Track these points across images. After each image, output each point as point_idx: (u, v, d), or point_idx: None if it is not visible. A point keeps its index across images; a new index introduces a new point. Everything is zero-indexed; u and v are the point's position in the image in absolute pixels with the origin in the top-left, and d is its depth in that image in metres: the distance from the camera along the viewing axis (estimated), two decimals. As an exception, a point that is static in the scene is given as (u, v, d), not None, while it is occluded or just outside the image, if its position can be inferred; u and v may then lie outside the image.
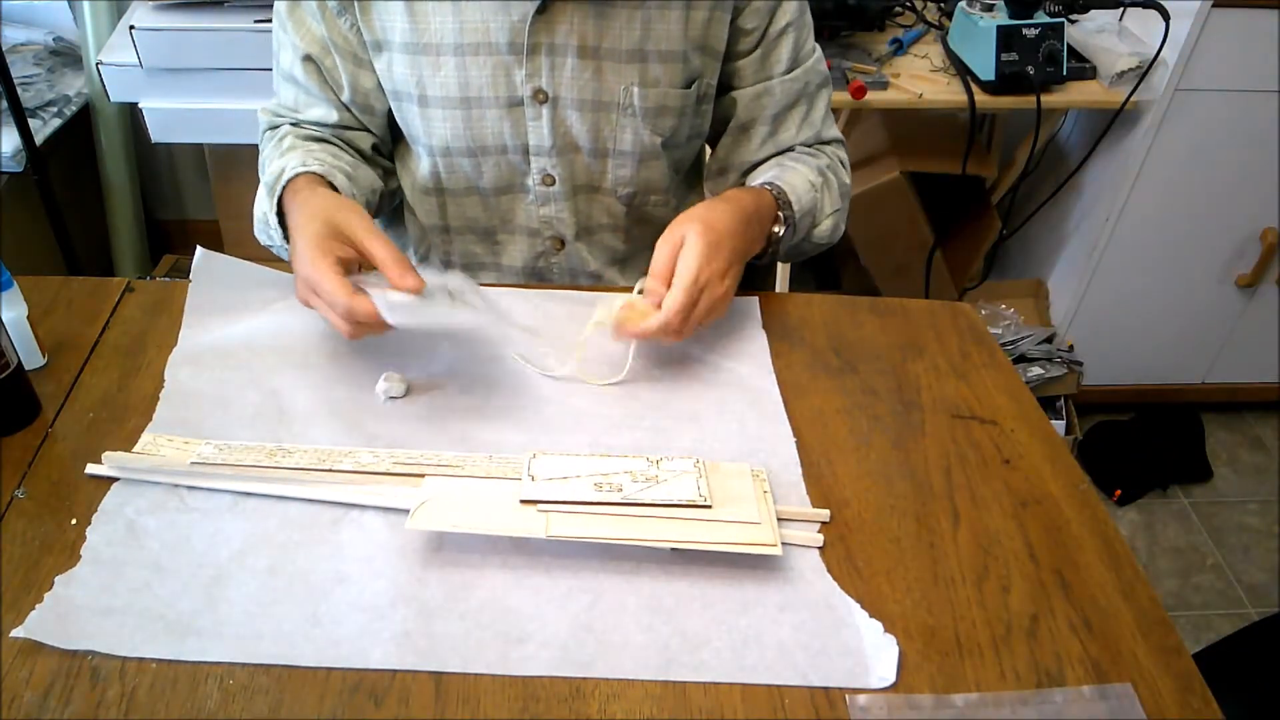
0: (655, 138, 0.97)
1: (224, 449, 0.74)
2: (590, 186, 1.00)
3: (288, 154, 0.92)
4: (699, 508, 0.70)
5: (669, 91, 0.95)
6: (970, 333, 0.95)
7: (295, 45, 0.94)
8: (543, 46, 0.90)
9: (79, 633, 0.62)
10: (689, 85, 0.96)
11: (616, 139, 0.96)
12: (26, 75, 1.92)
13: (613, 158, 0.98)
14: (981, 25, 1.66)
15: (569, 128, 0.95)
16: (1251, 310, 2.05)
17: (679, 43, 0.93)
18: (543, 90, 0.93)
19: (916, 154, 2.01)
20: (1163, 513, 2.06)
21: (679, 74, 0.95)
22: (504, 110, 0.93)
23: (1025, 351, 2.01)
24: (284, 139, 0.96)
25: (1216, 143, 1.79)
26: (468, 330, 0.88)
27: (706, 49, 0.95)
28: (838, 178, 1.02)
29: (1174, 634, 0.68)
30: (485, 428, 0.79)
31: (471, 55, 0.91)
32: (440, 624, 0.64)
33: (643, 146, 0.97)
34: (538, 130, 0.95)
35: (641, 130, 0.96)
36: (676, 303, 0.80)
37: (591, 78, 0.92)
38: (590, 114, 0.94)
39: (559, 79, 0.92)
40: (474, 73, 0.91)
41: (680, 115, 0.97)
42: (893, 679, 0.63)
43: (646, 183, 1.01)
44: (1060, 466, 0.80)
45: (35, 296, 0.86)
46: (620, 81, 0.93)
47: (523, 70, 0.91)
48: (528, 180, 0.99)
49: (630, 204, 1.02)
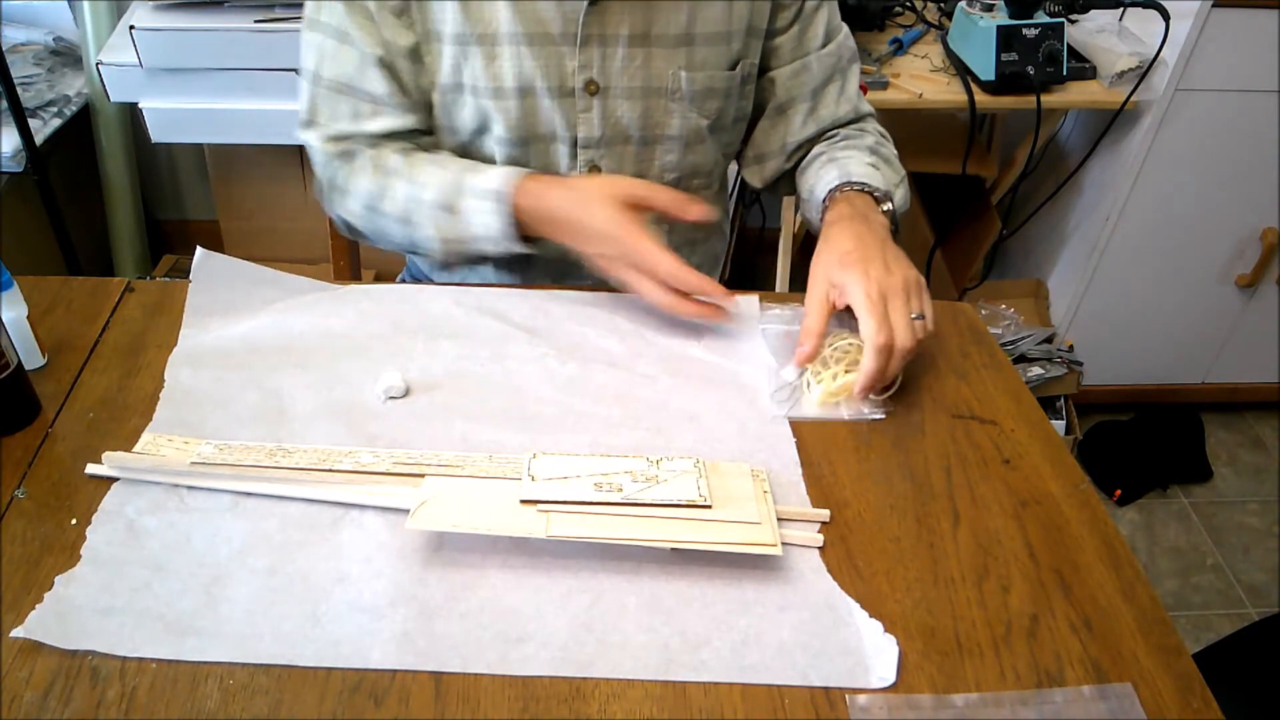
0: (702, 120, 0.98)
1: (224, 449, 0.74)
2: (636, 175, 1.00)
3: (432, 168, 0.92)
4: (699, 508, 0.70)
5: (715, 74, 0.96)
6: (970, 333, 0.95)
7: (363, 51, 0.91)
8: (595, 37, 0.91)
9: (79, 632, 0.61)
10: (734, 67, 0.97)
11: (665, 125, 0.97)
12: (26, 75, 1.92)
13: (660, 144, 0.99)
14: (981, 25, 1.66)
15: (618, 118, 0.96)
16: (1251, 310, 2.05)
17: (724, 24, 0.94)
18: (594, 81, 0.93)
19: (916, 154, 2.01)
20: (1163, 513, 2.06)
21: (724, 56, 0.96)
22: (555, 100, 0.93)
23: (1025, 351, 2.01)
24: (391, 158, 0.93)
25: (1216, 143, 1.79)
26: (468, 330, 0.88)
27: (751, 29, 0.96)
28: (888, 149, 1.03)
29: (1174, 634, 0.68)
30: (485, 428, 0.79)
31: (526, 45, 0.90)
32: (440, 624, 0.64)
33: (690, 130, 0.98)
34: (588, 121, 0.95)
35: (689, 114, 0.97)
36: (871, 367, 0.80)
37: (641, 65, 0.93)
38: (640, 101, 0.95)
39: (609, 69, 0.93)
40: (526, 63, 0.91)
41: (726, 97, 0.98)
42: (893, 679, 0.63)
43: (693, 167, 1.02)
44: (1060, 466, 0.80)
45: (35, 296, 0.86)
46: (669, 66, 0.94)
47: (575, 61, 0.92)
48: (572, 172, 0.99)
49: (675, 188, 1.02)
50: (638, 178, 1.00)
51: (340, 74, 0.93)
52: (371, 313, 0.90)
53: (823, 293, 0.85)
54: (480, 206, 0.89)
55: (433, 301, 0.92)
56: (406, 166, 0.93)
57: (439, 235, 0.92)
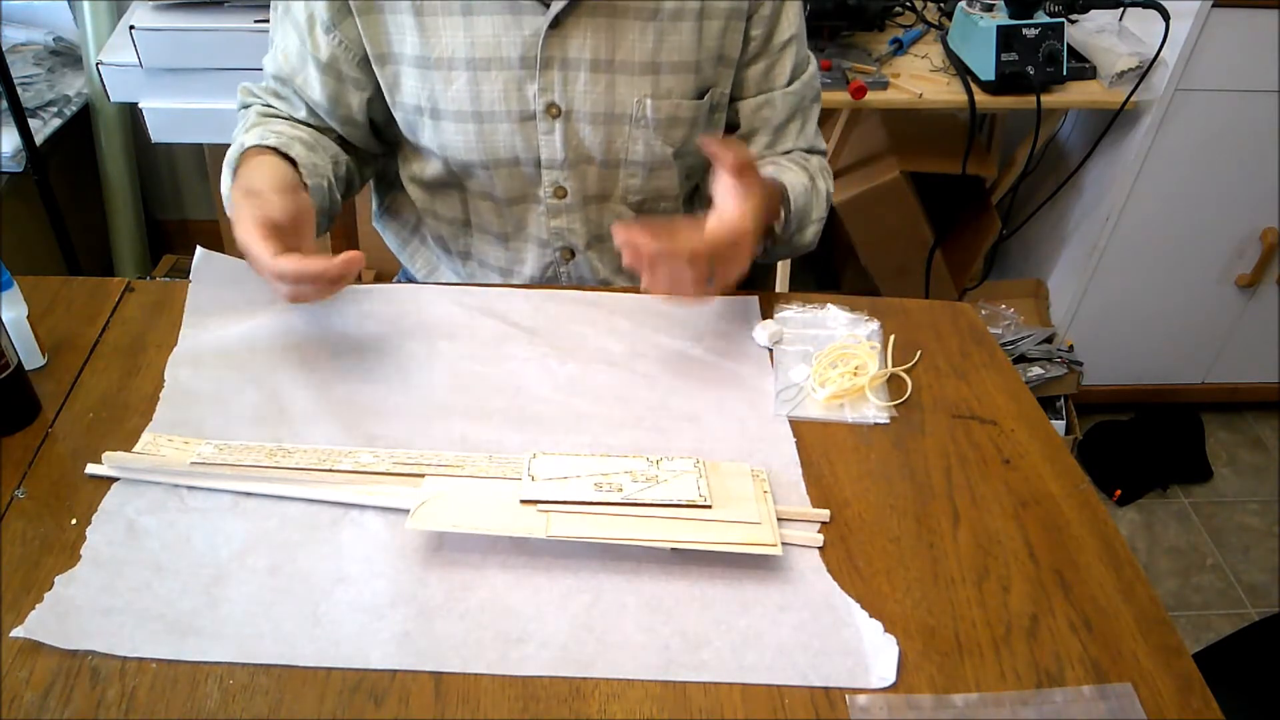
0: (667, 148, 0.97)
1: (224, 449, 0.74)
2: (601, 196, 1.01)
3: (250, 131, 0.91)
4: (699, 508, 0.70)
5: (681, 103, 0.95)
6: (970, 333, 0.95)
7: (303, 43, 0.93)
8: (555, 61, 0.90)
9: (79, 632, 0.62)
10: (701, 95, 0.96)
11: (628, 150, 0.96)
12: (26, 75, 1.92)
13: (624, 168, 0.98)
14: (981, 25, 1.66)
15: (581, 140, 0.95)
16: (1251, 310, 2.05)
17: (692, 53, 0.93)
18: (555, 104, 0.92)
19: (916, 154, 2.01)
20: (1163, 513, 2.06)
21: (691, 84, 0.95)
22: (516, 124, 0.93)
23: (1025, 351, 2.01)
24: (249, 118, 0.96)
25: (1216, 143, 1.79)
26: (468, 330, 0.88)
27: (723, 58, 0.96)
28: (825, 185, 1.03)
29: (1174, 634, 0.68)
30: (485, 428, 0.79)
31: (483, 70, 0.90)
32: (440, 624, 0.64)
33: (654, 157, 0.97)
34: (550, 144, 0.95)
35: (653, 141, 0.96)
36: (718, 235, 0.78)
37: (604, 91, 0.92)
38: (603, 126, 0.94)
39: (571, 93, 0.92)
40: (485, 87, 0.91)
41: (692, 125, 0.97)
42: (892, 679, 0.63)
43: (657, 190, 1.01)
44: (1060, 466, 0.80)
45: (35, 296, 0.86)
46: (633, 94, 0.93)
47: (535, 85, 0.91)
48: (539, 191, 0.99)
49: (640, 210, 1.02)
50: (603, 198, 1.00)
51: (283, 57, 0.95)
52: (372, 313, 0.90)
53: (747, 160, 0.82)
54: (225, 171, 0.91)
55: (433, 302, 0.92)
56: (250, 124, 0.93)
57: (223, 189, 0.92)
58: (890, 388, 0.87)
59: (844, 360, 0.86)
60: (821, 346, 0.89)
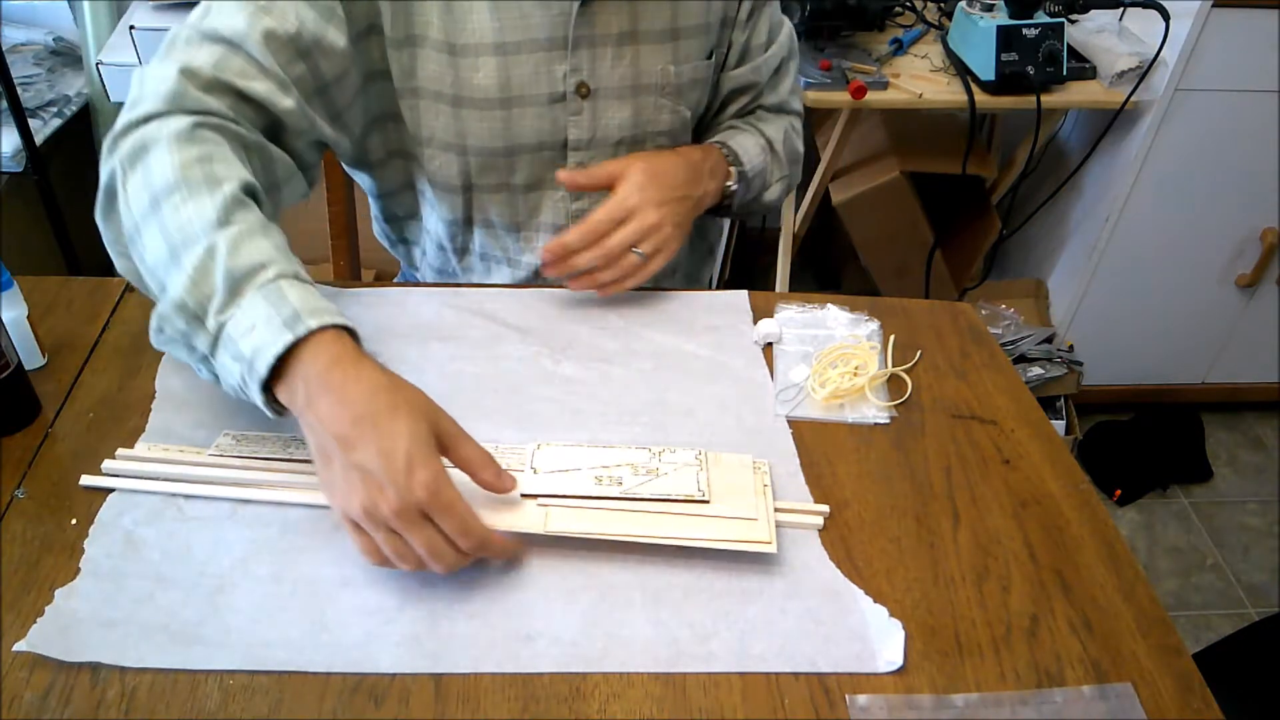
0: (687, 112, 0.99)
1: (242, 440, 0.74)
2: None
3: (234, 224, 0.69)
4: (696, 503, 0.70)
5: (698, 65, 0.97)
6: (970, 333, 0.95)
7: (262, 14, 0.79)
8: (585, 39, 0.91)
9: (82, 645, 0.61)
10: (709, 56, 0.99)
11: (654, 122, 0.98)
12: (26, 75, 1.92)
13: (650, 141, 0.99)
14: (981, 25, 1.66)
15: (609, 119, 0.96)
16: (1251, 310, 2.05)
17: (703, 15, 0.95)
18: (585, 83, 0.93)
19: (916, 154, 2.01)
20: (1163, 513, 2.06)
21: (703, 46, 0.97)
22: (544, 107, 0.93)
23: (1025, 351, 2.01)
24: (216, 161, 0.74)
25: (1216, 143, 1.79)
26: (460, 331, 0.88)
27: (725, 20, 0.98)
28: (789, 144, 1.07)
29: (1174, 634, 0.68)
30: (485, 426, 0.79)
31: (513, 54, 0.90)
32: (447, 625, 0.64)
33: (677, 123, 0.99)
34: (578, 124, 0.95)
35: (678, 108, 0.98)
36: (597, 216, 0.85)
37: (630, 64, 0.93)
38: (630, 100, 0.95)
39: (600, 70, 0.93)
40: (515, 71, 0.90)
41: (705, 87, 1.00)
42: (900, 662, 0.63)
43: None
44: (1060, 466, 0.80)
45: (35, 296, 0.86)
46: (657, 62, 0.94)
47: (565, 65, 0.91)
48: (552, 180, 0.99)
49: None
50: None
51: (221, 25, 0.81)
52: (360, 317, 0.89)
53: (609, 169, 0.91)
54: (255, 338, 0.64)
55: (423, 304, 0.92)
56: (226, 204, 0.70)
57: (189, 289, 0.67)
58: (890, 388, 0.87)
59: (844, 360, 0.86)
60: (821, 346, 0.89)
